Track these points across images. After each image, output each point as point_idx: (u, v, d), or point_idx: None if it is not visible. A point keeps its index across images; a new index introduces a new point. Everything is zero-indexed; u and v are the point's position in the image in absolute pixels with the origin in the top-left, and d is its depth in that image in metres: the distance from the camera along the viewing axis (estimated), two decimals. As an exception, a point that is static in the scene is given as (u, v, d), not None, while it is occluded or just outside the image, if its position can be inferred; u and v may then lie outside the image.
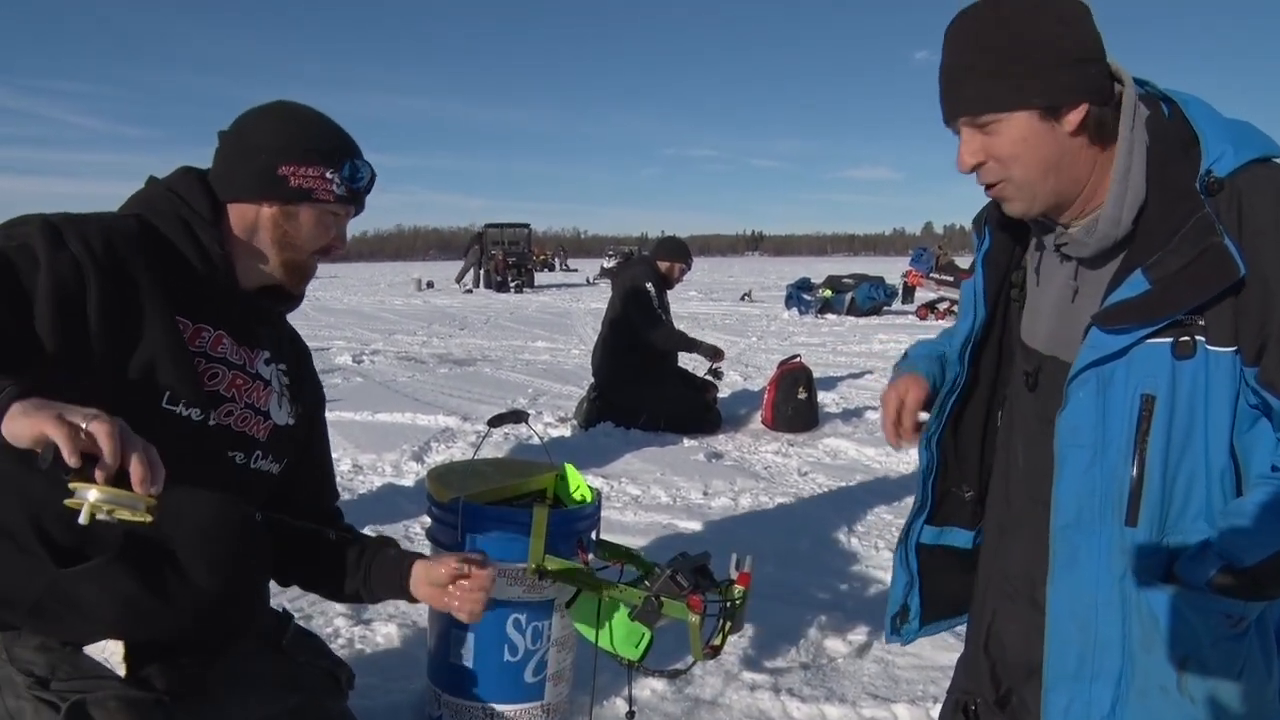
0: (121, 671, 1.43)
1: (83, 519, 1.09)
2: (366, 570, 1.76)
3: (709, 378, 6.33)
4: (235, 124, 1.60)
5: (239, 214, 1.56)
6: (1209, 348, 1.21)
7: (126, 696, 1.41)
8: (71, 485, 1.09)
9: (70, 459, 1.06)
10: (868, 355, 10.39)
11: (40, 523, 1.38)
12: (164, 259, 1.47)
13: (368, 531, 3.64)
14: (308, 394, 1.80)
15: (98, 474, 1.09)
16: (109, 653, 1.44)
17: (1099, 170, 1.29)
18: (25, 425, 1.08)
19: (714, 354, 6.21)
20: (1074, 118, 1.24)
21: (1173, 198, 1.23)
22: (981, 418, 1.61)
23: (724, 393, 6.82)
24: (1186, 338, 1.21)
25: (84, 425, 1.08)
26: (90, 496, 1.09)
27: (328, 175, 1.57)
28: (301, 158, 1.55)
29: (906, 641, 1.74)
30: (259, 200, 1.56)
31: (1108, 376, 1.26)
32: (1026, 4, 1.25)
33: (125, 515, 1.11)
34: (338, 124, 1.64)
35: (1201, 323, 1.21)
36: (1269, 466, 1.21)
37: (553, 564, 1.98)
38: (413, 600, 1.77)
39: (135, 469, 1.10)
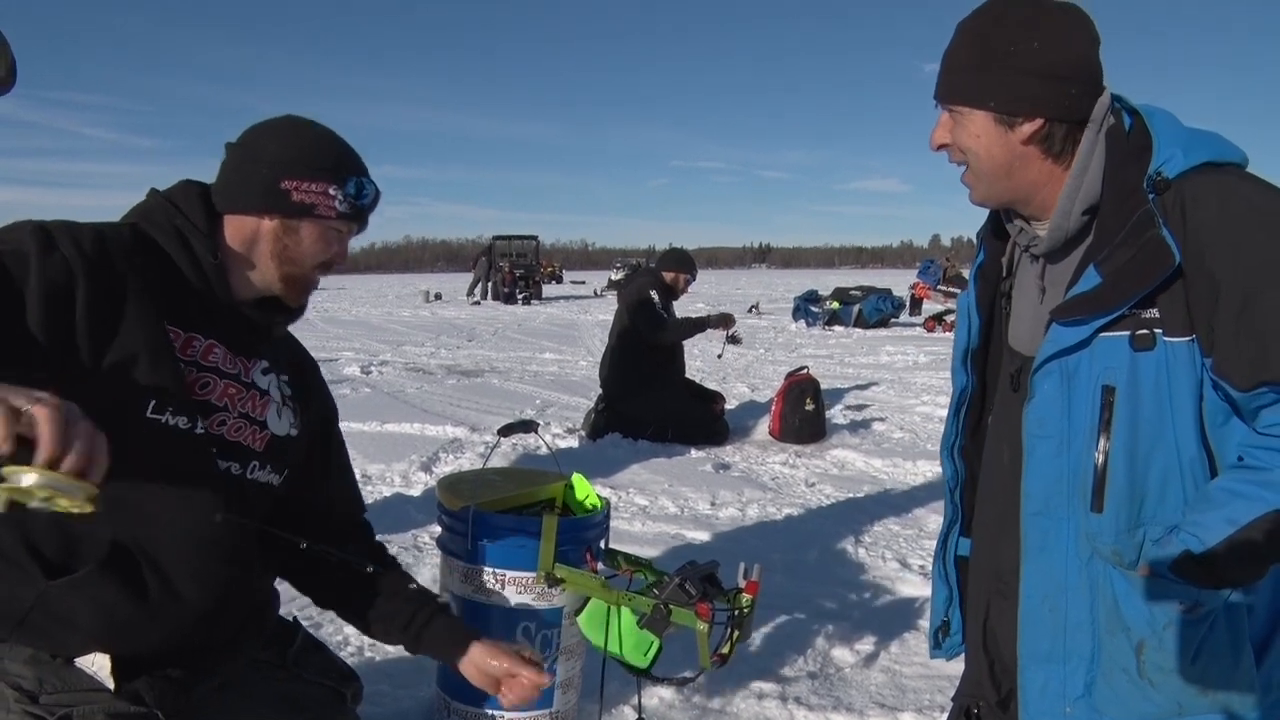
0: (111, 685, 1.41)
1: (0, 508, 1.02)
2: (417, 636, 1.79)
3: (729, 343, 6.35)
4: (241, 137, 1.60)
5: (238, 226, 1.56)
6: (1166, 339, 1.25)
7: (115, 711, 1.40)
8: (4, 470, 1.02)
9: (2, 444, 1.00)
10: (875, 367, 10.40)
11: (29, 535, 1.37)
12: (157, 267, 1.47)
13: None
14: (316, 406, 1.79)
15: (39, 458, 1.02)
16: (98, 665, 1.42)
17: (1057, 181, 1.36)
18: None
19: (725, 321, 6.26)
20: (1027, 129, 1.32)
21: (1123, 197, 1.29)
22: None
23: (731, 404, 6.83)
24: (1144, 330, 1.26)
25: (26, 408, 1.02)
26: (25, 481, 1.02)
27: (331, 191, 1.56)
28: (305, 173, 1.54)
29: (950, 656, 1.75)
30: (260, 213, 1.55)
31: (1072, 369, 1.31)
32: (1025, 14, 1.32)
33: (64, 503, 1.04)
34: (344, 140, 1.63)
35: (1156, 314, 1.26)
36: (1237, 458, 1.24)
37: (562, 572, 2.00)
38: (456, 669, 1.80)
39: (70, 459, 1.03)
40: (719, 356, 6.55)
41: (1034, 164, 1.35)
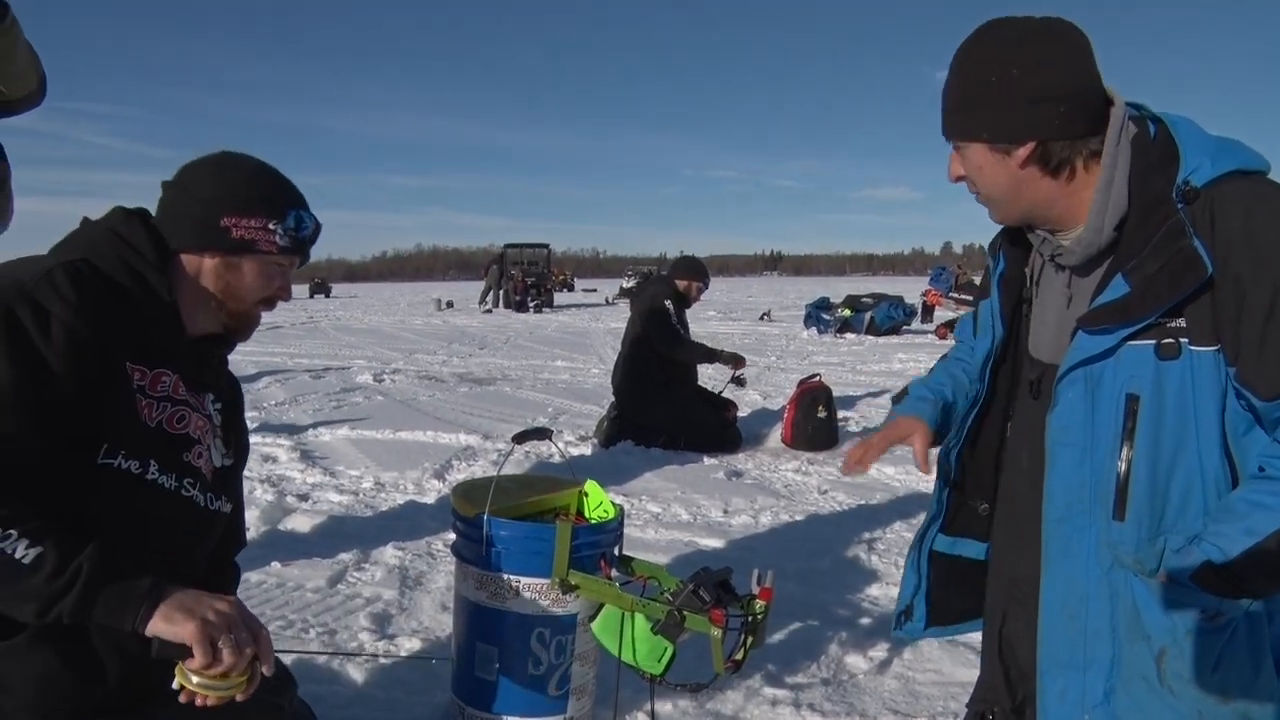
0: None
1: (178, 686, 1.30)
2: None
3: (733, 384, 6.38)
4: (177, 176, 1.60)
5: (183, 263, 1.56)
6: (1192, 348, 1.26)
7: None
8: (180, 668, 1.29)
9: (202, 665, 1.27)
10: (887, 374, 10.38)
11: None
12: (116, 305, 1.46)
13: (390, 548, 3.71)
14: (242, 438, 1.79)
15: (210, 671, 1.29)
16: None
17: (1071, 193, 1.37)
18: (171, 632, 1.27)
19: (735, 361, 6.26)
20: (1022, 153, 1.34)
21: (1151, 207, 1.30)
22: (997, 432, 1.66)
23: (744, 411, 6.84)
24: (1170, 339, 1.27)
25: (221, 644, 1.27)
26: (194, 680, 1.29)
27: (270, 226, 1.56)
28: (243, 209, 1.54)
29: (912, 636, 1.81)
30: (202, 251, 1.55)
31: (1096, 377, 1.32)
32: (1008, 41, 1.33)
33: (215, 696, 1.32)
34: (282, 174, 1.63)
35: (1183, 324, 1.26)
36: (1258, 468, 1.25)
37: (576, 578, 2.01)
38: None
39: (231, 681, 1.30)
40: (720, 393, 6.54)
41: (1038, 183, 1.36)
